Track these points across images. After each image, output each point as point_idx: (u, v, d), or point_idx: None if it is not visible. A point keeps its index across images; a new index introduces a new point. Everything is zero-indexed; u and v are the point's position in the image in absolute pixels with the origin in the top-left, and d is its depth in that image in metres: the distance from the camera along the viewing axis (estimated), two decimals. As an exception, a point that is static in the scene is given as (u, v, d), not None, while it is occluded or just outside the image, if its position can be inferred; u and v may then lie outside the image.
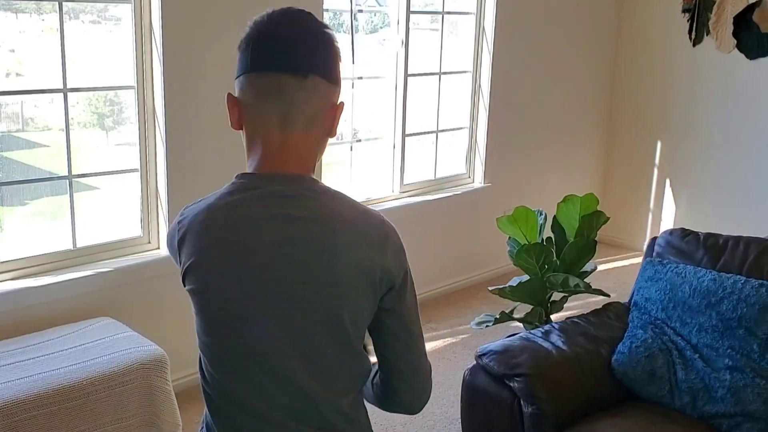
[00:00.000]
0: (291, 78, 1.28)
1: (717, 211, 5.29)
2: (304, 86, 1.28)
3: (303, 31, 1.31)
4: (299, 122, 1.30)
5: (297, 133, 1.31)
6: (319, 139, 1.35)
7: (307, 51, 1.29)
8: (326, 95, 1.31)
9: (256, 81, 1.31)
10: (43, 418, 2.50)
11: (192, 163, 3.43)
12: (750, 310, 2.47)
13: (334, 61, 1.32)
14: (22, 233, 3.30)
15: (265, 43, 1.31)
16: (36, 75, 3.35)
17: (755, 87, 5.05)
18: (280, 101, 1.29)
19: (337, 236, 1.28)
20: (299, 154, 1.32)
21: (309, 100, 1.29)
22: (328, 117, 1.33)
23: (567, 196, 3.46)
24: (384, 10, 4.64)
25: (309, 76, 1.28)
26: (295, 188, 1.30)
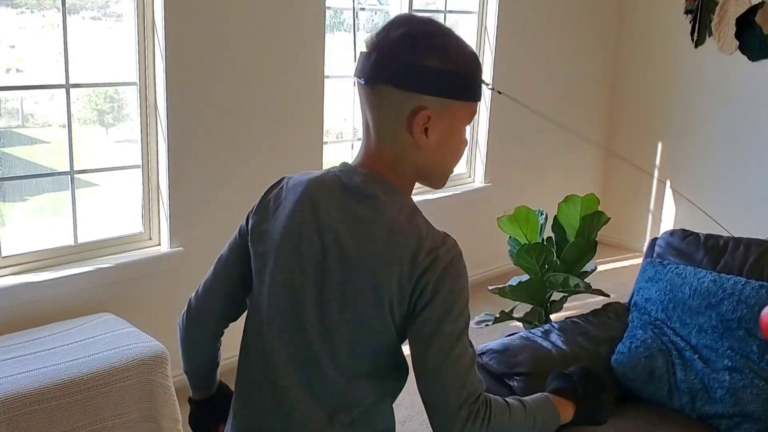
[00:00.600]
0: (364, 88, 1.31)
1: (717, 212, 5.28)
2: (374, 95, 1.30)
3: (387, 38, 1.29)
4: (379, 134, 1.33)
5: (379, 140, 1.33)
6: (405, 148, 1.32)
7: (379, 58, 1.28)
8: (398, 103, 1.28)
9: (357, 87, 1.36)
10: (43, 413, 2.51)
11: (193, 159, 3.43)
12: (750, 312, 2.48)
13: (416, 66, 1.26)
14: (24, 229, 3.31)
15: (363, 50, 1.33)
16: (36, 71, 3.36)
17: (757, 89, 5.06)
18: (364, 110, 1.34)
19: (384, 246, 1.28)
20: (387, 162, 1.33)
21: (380, 109, 1.31)
22: (405, 126, 1.30)
23: (568, 196, 3.46)
24: (385, 8, 4.64)
25: (375, 85, 1.29)
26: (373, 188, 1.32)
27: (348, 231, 1.31)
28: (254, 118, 3.62)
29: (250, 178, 3.60)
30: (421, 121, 1.28)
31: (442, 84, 1.28)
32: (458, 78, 1.29)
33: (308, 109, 3.82)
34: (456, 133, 1.34)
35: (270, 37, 3.59)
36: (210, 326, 1.56)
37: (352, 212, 1.31)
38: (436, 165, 1.36)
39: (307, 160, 3.87)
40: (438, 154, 1.34)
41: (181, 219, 3.43)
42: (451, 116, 1.31)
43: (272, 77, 3.64)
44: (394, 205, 1.31)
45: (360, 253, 1.30)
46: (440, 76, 1.27)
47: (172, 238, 3.42)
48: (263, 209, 1.41)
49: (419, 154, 1.32)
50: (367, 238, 1.29)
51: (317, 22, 3.78)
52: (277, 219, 1.38)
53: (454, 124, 1.32)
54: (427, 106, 1.28)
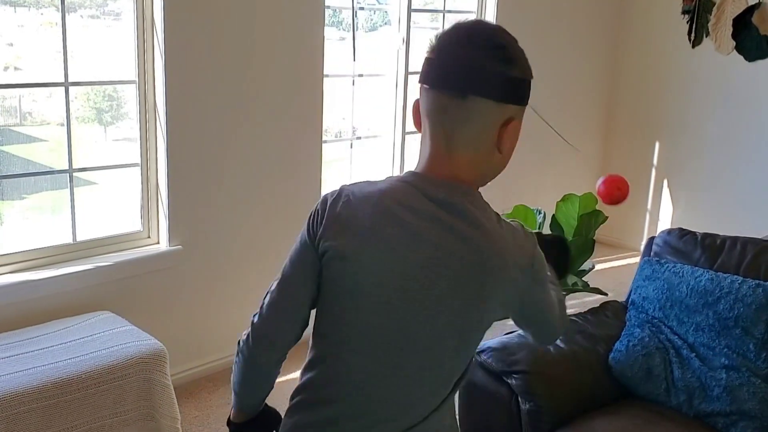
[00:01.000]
0: (450, 98, 1.29)
1: (715, 212, 5.31)
2: (464, 107, 1.29)
3: (472, 49, 1.28)
4: (462, 144, 1.32)
5: (461, 154, 1.33)
6: (485, 158, 1.35)
7: (469, 69, 1.27)
8: (491, 115, 1.30)
9: (427, 95, 1.33)
10: (42, 411, 2.51)
11: (192, 157, 3.43)
12: (746, 310, 2.49)
13: (505, 78, 1.29)
14: (22, 227, 3.31)
15: (434, 59, 1.31)
16: (34, 69, 3.36)
17: (754, 89, 5.07)
18: (444, 121, 1.31)
19: (490, 258, 1.30)
20: (463, 169, 1.34)
21: (470, 121, 1.30)
22: (495, 136, 1.32)
23: (566, 195, 3.48)
24: (384, 7, 4.65)
25: (468, 96, 1.28)
26: (459, 199, 1.32)
27: (447, 243, 1.30)
28: (253, 116, 3.63)
29: (249, 177, 3.60)
30: (512, 131, 1.33)
31: (524, 93, 1.33)
32: (529, 86, 1.35)
33: (307, 108, 3.82)
34: (518, 136, 1.38)
35: (269, 35, 3.60)
36: (279, 350, 1.49)
37: (447, 225, 1.30)
38: (499, 168, 1.40)
39: (306, 159, 3.87)
40: (506, 158, 1.39)
41: (180, 217, 3.43)
42: (521, 122, 1.36)
43: (271, 76, 3.65)
44: (484, 213, 1.33)
45: (461, 266, 1.30)
46: (522, 85, 1.32)
47: (170, 237, 3.42)
48: (335, 225, 1.36)
49: (492, 160, 1.36)
50: (468, 250, 1.30)
51: (316, 20, 3.78)
52: (358, 236, 1.34)
53: (520, 129, 1.37)
54: (514, 116, 1.32)
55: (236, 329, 1.54)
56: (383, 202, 1.33)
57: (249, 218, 3.65)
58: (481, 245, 1.30)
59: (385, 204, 1.33)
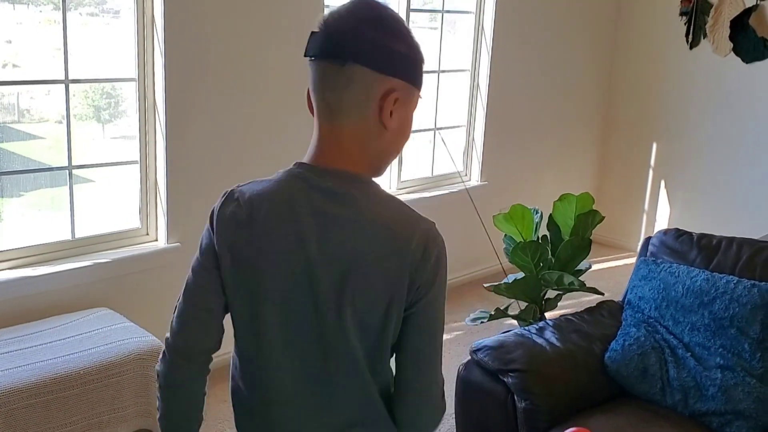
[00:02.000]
0: (331, 66, 1.27)
1: (711, 212, 5.33)
2: (343, 73, 1.26)
3: (355, 19, 1.28)
4: (344, 112, 1.29)
5: (342, 124, 1.30)
6: (370, 132, 1.30)
7: (347, 37, 1.26)
8: (370, 84, 1.27)
9: (310, 69, 1.31)
10: (40, 407, 2.51)
11: (192, 155, 3.44)
12: (742, 310, 2.50)
13: (386, 48, 1.27)
14: (21, 223, 3.31)
15: (317, 30, 1.30)
16: (33, 66, 3.36)
17: (751, 90, 5.09)
18: (325, 89, 1.29)
19: (375, 242, 1.28)
20: (349, 147, 1.31)
21: (348, 89, 1.27)
22: (376, 108, 1.29)
23: (563, 194, 3.49)
24: (383, 7, 4.64)
25: (347, 63, 1.26)
26: (346, 187, 1.30)
27: (332, 236, 1.28)
28: (252, 113, 3.64)
29: (247, 174, 3.58)
30: (391, 102, 1.28)
31: (408, 69, 1.30)
32: (418, 65, 1.33)
33: (306, 106, 3.82)
34: (410, 119, 1.36)
35: (269, 33, 3.60)
36: (199, 362, 1.45)
37: (332, 215, 1.28)
38: (392, 150, 1.36)
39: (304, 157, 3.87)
40: (396, 139, 1.34)
41: (179, 214, 3.44)
42: (410, 102, 1.33)
43: (271, 73, 3.65)
44: (371, 198, 1.31)
45: (349, 256, 1.28)
46: (407, 60, 1.30)
47: (169, 234, 3.43)
48: (227, 230, 1.35)
49: (381, 138, 1.32)
50: (353, 239, 1.28)
51: (316, 20, 3.78)
52: (250, 240, 1.32)
53: (410, 110, 1.34)
54: (396, 88, 1.28)
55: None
56: (270, 203, 1.32)
57: (247, 216, 3.65)
58: (366, 231, 1.28)
59: (271, 205, 1.32)
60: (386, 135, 1.32)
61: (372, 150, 1.33)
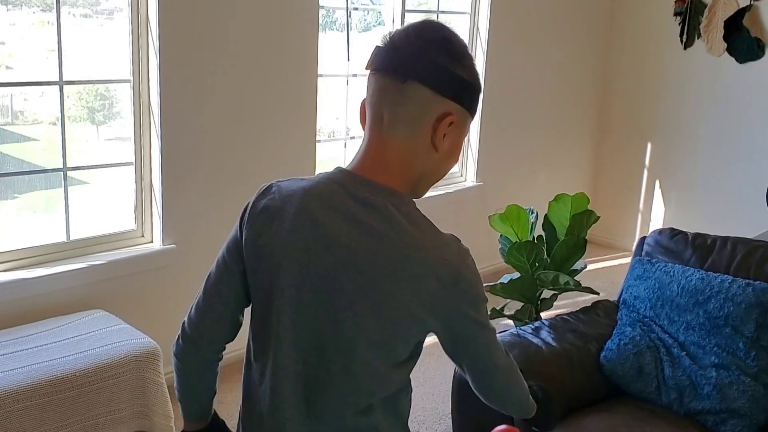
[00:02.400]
0: (390, 81, 1.29)
1: (705, 212, 5.34)
2: (401, 90, 1.28)
3: (421, 39, 1.30)
4: (396, 126, 1.30)
5: (392, 137, 1.31)
6: (417, 151, 1.31)
7: (411, 56, 1.28)
8: (428, 104, 1.29)
9: (369, 81, 1.34)
10: (35, 409, 2.51)
11: (187, 156, 3.44)
12: (736, 309, 2.51)
13: (447, 72, 1.29)
14: (15, 226, 3.30)
15: (382, 45, 1.32)
16: (27, 68, 3.35)
17: (744, 90, 5.10)
18: (381, 102, 1.31)
19: (407, 263, 1.27)
20: (392, 162, 1.31)
21: (405, 105, 1.29)
22: (430, 129, 1.30)
23: (558, 194, 3.49)
24: (378, 8, 4.66)
25: (408, 81, 1.28)
26: (383, 200, 1.29)
27: (361, 246, 1.28)
28: (247, 115, 3.63)
29: (243, 176, 3.60)
30: (446, 125, 1.30)
31: (467, 95, 1.32)
32: (476, 93, 1.35)
33: (301, 108, 3.83)
34: (460, 144, 1.38)
35: (264, 35, 3.60)
36: (209, 351, 1.49)
37: (366, 225, 1.28)
38: (437, 172, 1.37)
39: (299, 158, 3.88)
40: (444, 161, 1.36)
41: (174, 216, 3.44)
42: (464, 127, 1.36)
43: (266, 75, 3.65)
44: (406, 217, 1.30)
45: (374, 269, 1.27)
46: (467, 87, 1.32)
47: (164, 235, 3.43)
48: (257, 221, 1.35)
49: (428, 159, 1.33)
50: (382, 253, 1.27)
51: (311, 20, 3.79)
52: (277, 234, 1.33)
53: (462, 135, 1.37)
54: (452, 112, 1.30)
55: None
56: (304, 201, 1.32)
57: (242, 217, 3.64)
58: (396, 248, 1.27)
59: (304, 202, 1.32)
60: (434, 156, 1.33)
61: (416, 169, 1.34)
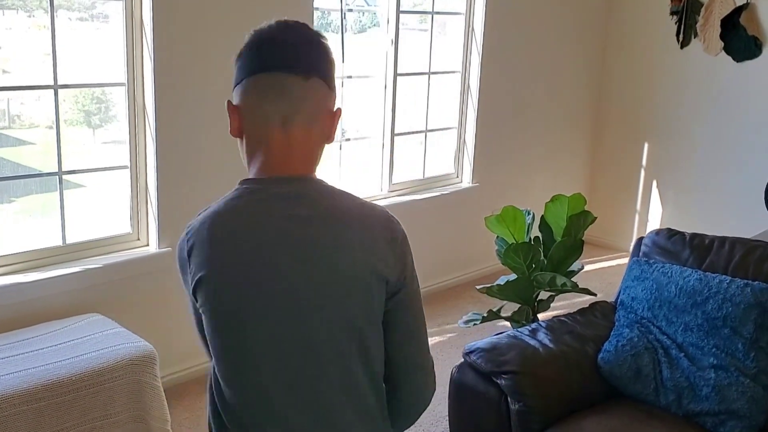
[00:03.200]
0: (294, 77, 1.32)
1: (703, 212, 5.34)
2: (306, 86, 1.32)
3: (302, 37, 1.37)
4: (300, 120, 1.33)
5: (298, 130, 1.33)
6: (318, 142, 1.37)
7: (309, 53, 1.34)
8: (325, 99, 1.35)
9: (261, 81, 1.34)
10: (31, 414, 2.50)
11: (182, 160, 3.43)
12: (735, 310, 2.50)
13: (331, 68, 1.37)
14: (11, 230, 3.30)
15: (269, 45, 1.35)
16: (22, 72, 3.35)
17: (742, 89, 5.10)
18: (283, 100, 1.32)
19: (344, 234, 1.31)
20: (301, 153, 1.34)
21: (309, 99, 1.33)
22: (326, 121, 1.36)
23: (555, 195, 3.49)
24: (373, 9, 4.65)
25: (311, 77, 1.32)
26: (299, 188, 1.33)
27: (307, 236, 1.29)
28: (242, 118, 3.62)
29: (238, 179, 3.59)
30: (338, 117, 1.38)
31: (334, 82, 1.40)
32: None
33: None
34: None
35: (258, 37, 3.59)
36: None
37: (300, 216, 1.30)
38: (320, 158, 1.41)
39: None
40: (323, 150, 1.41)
41: (170, 219, 3.43)
42: None
43: (260, 78, 3.64)
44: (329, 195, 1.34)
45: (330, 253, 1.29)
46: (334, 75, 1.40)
47: (160, 239, 3.42)
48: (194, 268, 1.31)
49: (321, 148, 1.39)
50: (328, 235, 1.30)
51: (306, 22, 3.78)
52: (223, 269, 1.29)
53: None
54: (336, 104, 1.39)
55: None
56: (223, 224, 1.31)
57: (239, 220, 3.64)
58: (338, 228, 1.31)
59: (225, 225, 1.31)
60: (324, 145, 1.39)
61: (316, 158, 1.38)
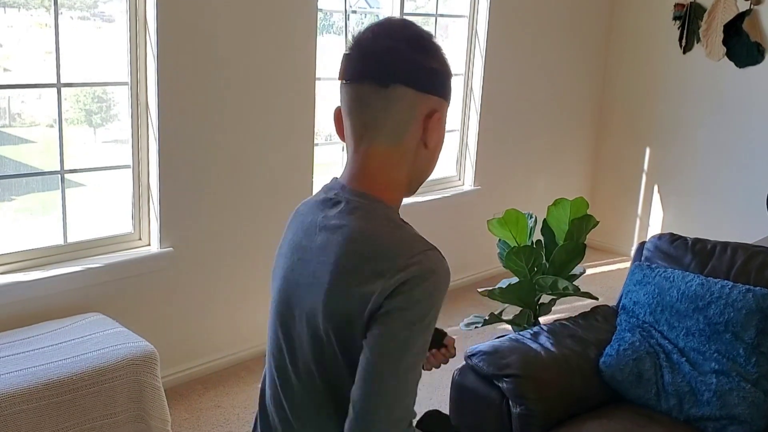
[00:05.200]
0: (372, 88, 1.25)
1: (705, 217, 5.34)
2: (386, 96, 1.24)
3: (391, 39, 1.26)
4: (381, 134, 1.27)
5: (377, 145, 1.28)
6: (406, 153, 1.29)
7: (390, 59, 1.24)
8: (413, 105, 1.26)
9: (344, 91, 1.29)
10: (32, 413, 2.50)
11: (184, 159, 3.43)
12: (737, 315, 2.50)
13: (426, 68, 1.26)
14: (12, 228, 3.29)
15: (351, 52, 1.28)
16: (24, 70, 3.34)
17: (744, 95, 5.10)
18: (364, 113, 1.27)
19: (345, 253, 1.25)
20: (379, 168, 1.29)
21: (391, 110, 1.25)
22: (418, 128, 1.27)
23: (557, 199, 3.48)
24: (376, 11, 4.65)
25: (390, 85, 1.24)
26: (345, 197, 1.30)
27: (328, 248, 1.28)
28: (245, 119, 3.62)
29: (240, 179, 3.59)
30: (436, 122, 1.28)
31: (444, 86, 1.29)
32: (449, 80, 1.32)
33: (299, 111, 3.82)
34: (444, 133, 1.35)
35: (262, 38, 3.60)
36: None
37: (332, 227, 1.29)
38: (428, 167, 1.35)
39: (297, 161, 3.87)
40: (433, 156, 1.33)
41: (171, 219, 3.43)
42: (445, 118, 1.33)
43: (263, 78, 3.64)
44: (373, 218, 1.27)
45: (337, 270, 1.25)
46: (443, 78, 1.29)
47: (162, 239, 3.42)
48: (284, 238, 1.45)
49: (418, 158, 1.30)
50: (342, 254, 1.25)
51: (309, 24, 3.79)
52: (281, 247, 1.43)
53: (445, 125, 1.34)
54: (437, 108, 1.28)
55: (227, 331, 1.55)
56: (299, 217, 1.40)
57: (240, 221, 3.65)
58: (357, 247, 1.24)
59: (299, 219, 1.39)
60: (423, 154, 1.30)
61: (404, 171, 1.30)
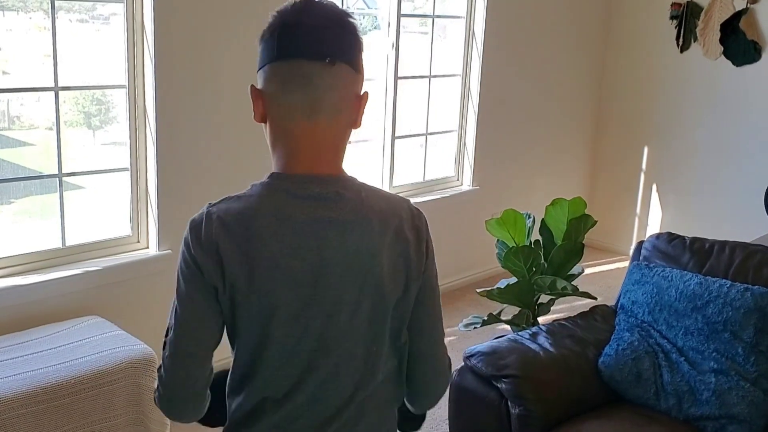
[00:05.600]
0: (318, 65, 1.25)
1: (703, 216, 5.34)
2: (331, 73, 1.25)
3: (328, 19, 1.27)
4: (326, 110, 1.27)
5: (323, 121, 1.28)
6: (344, 130, 1.32)
7: (333, 37, 1.26)
8: (351, 84, 1.29)
9: (282, 69, 1.27)
10: (30, 417, 2.50)
11: (182, 162, 3.43)
12: (735, 314, 2.50)
13: (358, 49, 1.30)
14: (10, 231, 3.29)
15: (291, 30, 1.26)
16: (22, 73, 3.34)
17: (741, 93, 5.10)
18: (307, 89, 1.26)
19: (375, 237, 1.30)
20: (328, 148, 1.31)
21: (335, 87, 1.27)
22: (353, 107, 1.31)
23: (555, 199, 3.48)
24: (374, 12, 4.65)
25: (336, 63, 1.25)
26: (334, 189, 1.29)
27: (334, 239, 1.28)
28: (243, 120, 3.62)
29: (239, 181, 3.58)
30: (365, 103, 1.33)
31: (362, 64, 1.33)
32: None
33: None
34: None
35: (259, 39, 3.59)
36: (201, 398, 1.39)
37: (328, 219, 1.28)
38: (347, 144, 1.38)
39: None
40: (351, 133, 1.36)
41: (170, 222, 3.42)
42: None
43: (261, 80, 3.64)
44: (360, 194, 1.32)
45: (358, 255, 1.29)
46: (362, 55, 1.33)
47: (160, 241, 3.41)
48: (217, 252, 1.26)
49: (348, 133, 1.34)
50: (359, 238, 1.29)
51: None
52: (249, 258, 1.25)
53: None
54: (363, 87, 1.34)
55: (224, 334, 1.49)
56: (259, 221, 1.27)
57: (239, 223, 3.64)
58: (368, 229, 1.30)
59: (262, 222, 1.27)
60: (350, 131, 1.34)
61: (341, 145, 1.34)
